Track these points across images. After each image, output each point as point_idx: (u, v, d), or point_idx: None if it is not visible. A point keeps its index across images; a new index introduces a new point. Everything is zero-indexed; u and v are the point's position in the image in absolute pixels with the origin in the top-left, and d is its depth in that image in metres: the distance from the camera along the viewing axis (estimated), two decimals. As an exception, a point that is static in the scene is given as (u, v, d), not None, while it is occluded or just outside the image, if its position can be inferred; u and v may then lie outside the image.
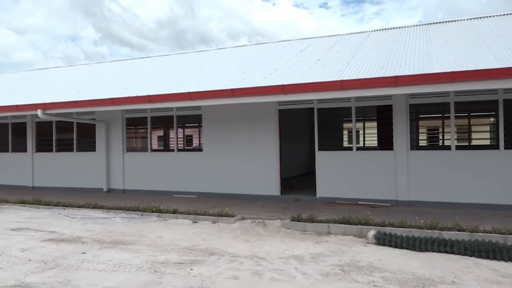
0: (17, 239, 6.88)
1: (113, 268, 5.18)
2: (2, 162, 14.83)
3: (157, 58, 17.48)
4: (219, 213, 8.20)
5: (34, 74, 19.80)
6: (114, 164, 12.60)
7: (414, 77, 7.24)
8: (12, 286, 4.57)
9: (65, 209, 9.74)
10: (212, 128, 11.27)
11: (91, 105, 10.33)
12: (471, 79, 6.85)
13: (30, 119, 13.94)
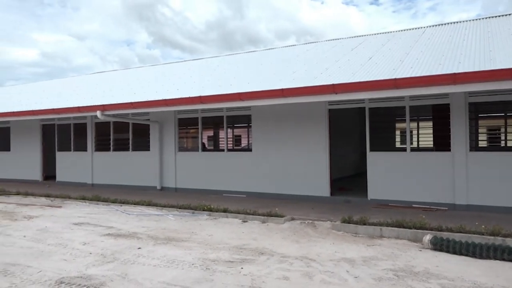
0: (79, 233, 7.30)
1: (166, 264, 5.35)
2: (65, 160, 15.82)
3: (208, 60, 17.86)
4: (269, 213, 8.23)
5: (93, 77, 20.94)
6: (167, 163, 13.02)
7: (475, 74, 6.85)
8: (75, 277, 4.86)
9: (121, 205, 10.20)
10: (261, 128, 11.33)
11: (145, 106, 10.75)
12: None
13: (90, 120, 14.75)
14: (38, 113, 13.26)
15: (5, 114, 14.37)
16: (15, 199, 12.01)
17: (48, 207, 10.36)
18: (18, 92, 21.28)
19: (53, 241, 6.73)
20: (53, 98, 16.08)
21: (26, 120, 15.53)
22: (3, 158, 17.96)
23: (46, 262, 5.51)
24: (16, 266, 5.33)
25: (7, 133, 17.85)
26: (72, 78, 23.64)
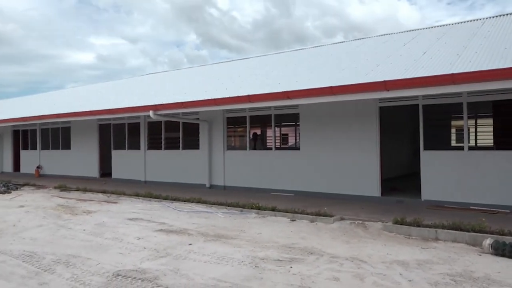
0: (133, 228, 7.61)
1: (216, 261, 5.44)
2: (120, 158, 16.57)
3: (255, 59, 17.97)
4: (317, 213, 8.13)
5: (145, 78, 21.75)
6: (216, 161, 13.25)
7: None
8: (131, 270, 5.06)
9: (172, 202, 10.51)
10: (309, 127, 11.22)
11: (195, 105, 10.99)
12: None
13: (143, 119, 15.32)
14: (96, 113, 13.97)
15: (66, 114, 15.27)
16: (75, 194, 12.74)
17: (105, 203, 10.89)
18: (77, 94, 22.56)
19: (110, 235, 7.06)
20: (109, 99, 16.89)
21: (85, 120, 16.41)
22: (65, 156, 19.12)
23: (104, 255, 5.79)
24: (77, 258, 5.65)
25: (68, 133, 18.99)
26: (125, 80, 24.71)
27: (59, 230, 7.52)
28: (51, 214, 9.21)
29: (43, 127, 20.28)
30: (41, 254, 5.86)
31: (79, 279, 4.78)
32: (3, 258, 5.71)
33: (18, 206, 10.51)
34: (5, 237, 7.04)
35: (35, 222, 8.36)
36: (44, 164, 20.15)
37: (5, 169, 22.80)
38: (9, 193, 13.42)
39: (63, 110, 15.80)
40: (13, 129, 22.08)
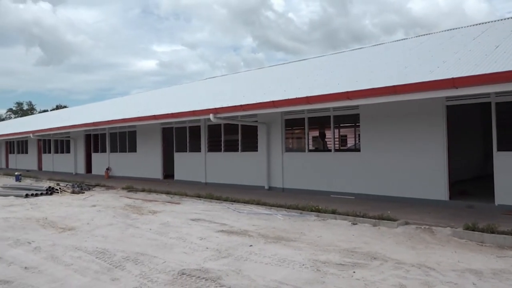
0: (196, 228, 7.83)
1: (277, 263, 5.44)
2: (181, 160, 17.17)
3: (313, 60, 17.80)
4: (380, 216, 7.86)
5: (204, 83, 22.37)
6: (274, 163, 13.29)
7: None
8: (195, 270, 5.21)
9: (232, 204, 10.69)
10: (370, 128, 10.89)
11: (254, 108, 11.10)
12: None
13: (203, 122, 15.76)
14: (159, 117, 14.59)
15: (132, 119, 16.11)
16: (141, 195, 13.38)
17: (168, 203, 11.33)
18: (141, 99, 23.74)
19: (174, 235, 7.33)
20: (171, 103, 17.57)
21: (149, 124, 17.20)
22: (131, 158, 20.19)
23: (169, 254, 6.02)
24: (145, 256, 5.92)
25: (134, 136, 20.03)
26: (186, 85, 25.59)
27: (128, 229, 7.93)
28: (120, 214, 9.75)
29: (111, 131, 21.56)
30: (112, 251, 6.21)
31: (147, 276, 5.00)
32: (79, 254, 6.13)
33: (90, 206, 11.24)
34: (80, 234, 7.55)
35: (106, 220, 8.90)
36: (113, 166, 21.41)
37: (79, 171, 24.53)
38: (83, 193, 14.41)
39: (129, 115, 16.66)
40: (85, 134, 23.70)
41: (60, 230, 7.94)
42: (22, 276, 5.12)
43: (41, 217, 9.43)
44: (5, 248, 6.55)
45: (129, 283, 4.76)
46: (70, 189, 14.95)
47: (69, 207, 11.17)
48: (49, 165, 28.07)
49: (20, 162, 32.13)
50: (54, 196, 13.73)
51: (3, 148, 35.45)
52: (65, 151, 26.27)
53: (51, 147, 27.72)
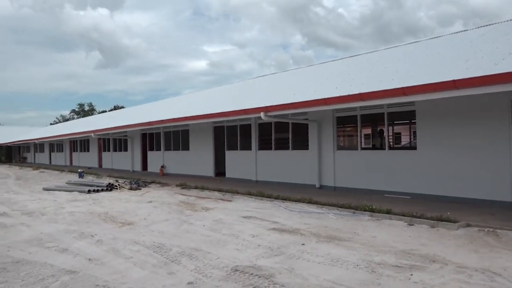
0: (247, 226, 7.91)
1: (330, 262, 5.36)
2: (232, 158, 17.42)
3: (365, 55, 17.34)
4: (438, 217, 7.50)
5: (254, 82, 22.51)
6: (325, 161, 13.11)
7: None
8: (248, 267, 5.26)
9: (283, 202, 10.68)
10: (428, 125, 10.42)
11: (305, 106, 11.01)
12: None
13: (254, 121, 15.88)
14: (211, 116, 14.90)
15: (184, 118, 16.57)
16: (194, 192, 13.74)
17: (220, 201, 11.54)
18: (193, 99, 24.35)
19: (227, 231, 7.44)
20: (221, 102, 17.87)
21: (201, 123, 17.60)
22: (184, 156, 20.79)
23: (222, 250, 6.13)
24: (199, 252, 6.07)
25: (186, 135, 20.62)
26: (236, 84, 25.90)
27: (182, 225, 8.17)
28: (175, 210, 10.07)
29: (165, 130, 22.33)
30: (168, 246, 6.42)
31: (202, 271, 5.12)
32: (138, 248, 6.41)
33: (147, 202, 11.71)
34: (138, 229, 7.89)
35: (161, 216, 9.23)
36: (167, 164, 22.17)
37: (135, 168, 25.65)
38: (140, 190, 15.04)
39: (182, 115, 17.15)
40: (141, 133, 24.73)
41: (120, 225, 8.34)
42: (87, 267, 5.43)
43: (102, 212, 9.97)
44: (71, 241, 6.99)
45: (185, 278, 4.90)
46: (128, 185, 15.67)
47: (128, 202, 11.70)
48: (108, 162, 29.61)
49: (82, 160, 34.17)
50: (114, 192, 14.46)
51: (68, 146, 37.85)
52: (123, 150, 27.60)
53: (110, 146, 29.22)
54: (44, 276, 5.08)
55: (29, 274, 5.17)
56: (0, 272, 5.29)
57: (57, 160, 40.91)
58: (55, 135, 35.53)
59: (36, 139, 40.42)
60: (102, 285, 4.71)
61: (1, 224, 8.69)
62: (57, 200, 12.66)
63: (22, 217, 9.59)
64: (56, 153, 41.40)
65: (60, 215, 9.73)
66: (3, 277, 5.08)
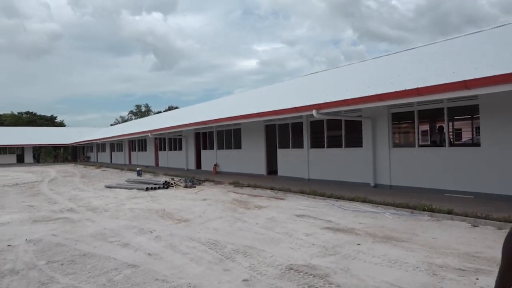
0: (301, 224, 7.86)
1: (388, 264, 5.19)
2: (284, 156, 17.40)
3: (421, 48, 16.59)
4: (506, 218, 7.01)
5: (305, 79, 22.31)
6: (380, 159, 12.71)
7: None
8: (302, 266, 5.23)
9: (337, 200, 10.49)
10: (493, 119, 9.77)
11: (359, 102, 10.73)
12: None
13: (305, 119, 15.75)
14: (262, 115, 14.96)
15: (236, 117, 16.77)
16: (247, 190, 13.88)
17: (273, 199, 11.56)
18: (244, 98, 24.60)
19: (280, 230, 7.45)
20: (273, 101, 17.89)
21: (253, 122, 17.74)
22: (237, 155, 21.08)
23: (276, 248, 6.13)
24: (253, 249, 6.12)
25: (239, 134, 20.87)
26: (287, 82, 25.83)
27: (236, 223, 8.28)
28: (228, 208, 10.23)
29: (218, 129, 22.76)
30: (223, 243, 6.54)
31: (256, 269, 5.16)
32: (194, 244, 6.58)
33: (201, 199, 12.01)
34: (193, 226, 8.11)
35: (215, 214, 9.42)
36: (220, 162, 22.59)
37: (190, 167, 26.39)
38: (194, 188, 15.46)
39: (234, 114, 17.37)
40: (195, 132, 25.39)
41: (176, 221, 8.62)
42: (147, 262, 5.66)
43: (159, 209, 10.35)
44: (132, 236, 7.33)
45: (240, 275, 4.97)
46: (183, 183, 16.15)
47: (183, 200, 12.06)
48: (164, 161, 30.72)
49: (140, 158, 35.71)
50: (170, 190, 14.97)
51: (127, 146, 39.74)
52: (177, 149, 28.51)
53: (166, 145, 30.29)
54: (108, 269, 5.37)
55: (94, 267, 5.49)
56: (69, 264, 5.66)
57: (117, 159, 43.08)
58: (115, 135, 37.43)
59: (98, 140, 42.86)
60: (161, 279, 4.89)
61: (69, 219, 9.30)
62: (118, 197, 13.34)
63: (87, 213, 10.20)
64: (116, 152, 43.60)
65: (121, 211, 10.24)
66: (71, 269, 5.43)
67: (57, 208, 11.17)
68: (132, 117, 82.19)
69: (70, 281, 4.95)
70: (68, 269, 5.41)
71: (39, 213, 10.23)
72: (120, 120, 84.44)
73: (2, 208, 11.53)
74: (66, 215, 9.91)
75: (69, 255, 6.15)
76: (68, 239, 7.22)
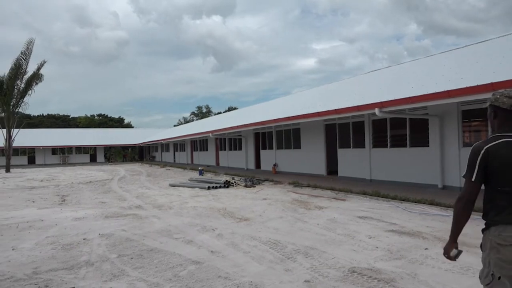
0: (363, 226, 7.64)
1: (460, 271, 4.89)
2: (345, 156, 17.03)
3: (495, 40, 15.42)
4: None
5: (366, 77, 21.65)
6: (449, 159, 12.00)
7: None
8: (365, 269, 5.07)
9: (402, 202, 10.07)
10: None
11: (425, 100, 10.20)
12: None
13: (367, 117, 15.29)
14: (322, 114, 14.75)
15: (296, 117, 16.70)
16: (306, 190, 13.77)
17: (333, 200, 11.36)
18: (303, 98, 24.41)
19: (341, 231, 7.29)
20: (332, 100, 17.58)
21: (312, 121, 17.56)
22: (296, 155, 20.99)
23: (337, 250, 6.01)
24: (314, 250, 6.04)
25: (298, 134, 20.77)
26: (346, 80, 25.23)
27: (296, 223, 8.24)
28: (288, 208, 10.21)
29: (277, 129, 22.81)
30: (284, 243, 6.53)
31: (318, 270, 5.09)
32: (255, 243, 6.64)
33: (261, 199, 12.09)
34: (254, 225, 8.18)
35: (276, 213, 9.43)
36: (279, 162, 22.63)
37: (249, 166, 26.73)
38: (254, 187, 15.62)
39: (293, 113, 17.31)
40: (254, 132, 25.67)
41: (237, 220, 8.75)
42: (210, 259, 5.81)
43: (221, 208, 10.58)
44: (195, 233, 7.56)
45: (301, 275, 4.93)
46: (243, 183, 16.39)
47: (243, 199, 12.23)
48: (224, 161, 31.38)
49: (202, 158, 36.79)
50: (230, 189, 15.25)
51: (189, 146, 41.13)
52: (237, 148, 28.99)
53: (226, 145, 30.92)
54: (173, 265, 5.58)
55: (161, 262, 5.73)
56: (138, 258, 5.96)
57: (180, 158, 44.73)
58: (178, 136, 38.90)
59: (162, 140, 44.82)
60: (224, 277, 4.99)
61: (137, 215, 9.80)
62: (182, 195, 13.83)
63: (153, 210, 10.69)
64: (179, 152, 45.28)
65: (185, 209, 10.60)
66: (140, 263, 5.71)
67: (126, 205, 11.82)
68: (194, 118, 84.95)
69: (139, 274, 5.21)
70: (137, 263, 5.70)
71: (110, 209, 10.89)
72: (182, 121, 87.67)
73: (78, 204, 12.44)
74: (134, 211, 10.45)
75: (137, 249, 6.47)
76: (137, 234, 7.61)
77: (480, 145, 2.60)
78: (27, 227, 8.68)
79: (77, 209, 11.25)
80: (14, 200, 13.93)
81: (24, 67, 34.65)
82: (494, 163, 2.49)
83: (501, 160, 2.48)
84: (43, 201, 13.41)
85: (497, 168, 2.49)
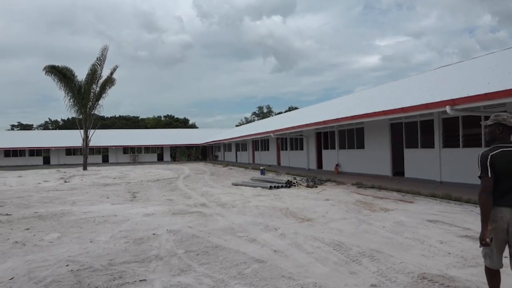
0: (433, 231, 7.24)
1: (546, 282, 4.46)
2: (412, 157, 16.26)
3: None
4: None
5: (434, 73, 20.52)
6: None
7: None
8: (437, 275, 4.81)
9: (476, 206, 9.40)
10: None
11: (505, 96, 9.45)
12: None
13: (437, 116, 14.49)
14: (388, 113, 14.20)
15: (359, 116, 16.26)
16: (370, 191, 13.35)
17: (400, 202, 10.90)
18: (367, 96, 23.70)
19: (409, 235, 6.97)
20: (398, 98, 16.87)
21: (377, 120, 16.98)
22: (359, 155, 20.44)
23: (405, 255, 5.76)
24: (380, 254, 5.84)
25: (361, 133, 20.21)
26: (413, 77, 24.09)
27: (361, 225, 8.02)
28: (352, 209, 9.97)
29: (340, 129, 22.37)
30: (348, 245, 6.39)
31: (384, 275, 4.92)
32: (318, 244, 6.57)
33: (324, 200, 11.93)
34: (317, 226, 8.09)
35: (339, 215, 9.25)
36: (341, 162, 22.17)
37: (311, 166, 26.48)
38: (316, 188, 15.44)
39: (357, 112, 16.86)
40: (315, 132, 25.37)
41: (300, 220, 8.71)
42: (273, 258, 5.84)
43: (283, 207, 10.59)
44: (258, 232, 7.63)
45: (367, 279, 4.79)
46: (304, 183, 16.27)
47: (305, 199, 12.14)
48: (285, 160, 31.37)
49: (263, 158, 37.09)
50: (292, 189, 15.21)
51: (250, 146, 41.67)
52: (298, 148, 28.83)
53: (287, 145, 30.89)
54: (238, 262, 5.68)
55: (225, 259, 5.86)
56: (204, 255, 6.14)
57: (242, 158, 45.46)
58: (239, 135, 39.56)
59: (225, 140, 45.82)
60: (288, 277, 4.98)
61: (203, 213, 10.11)
62: (244, 194, 14.04)
63: (217, 208, 10.96)
64: (241, 151, 46.02)
65: (247, 208, 10.75)
66: (206, 259, 5.89)
67: (191, 202, 12.25)
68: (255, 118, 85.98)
69: (205, 270, 5.37)
70: (203, 259, 5.88)
71: (176, 207, 11.35)
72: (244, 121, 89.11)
73: (148, 201, 13.11)
74: (199, 209, 10.79)
75: (203, 246, 6.67)
76: (202, 231, 7.85)
77: (486, 153, 3.63)
78: (102, 221, 9.31)
79: (146, 205, 11.86)
80: (90, 196, 15.01)
81: (99, 72, 37.33)
82: (496, 165, 3.52)
83: (500, 164, 3.55)
84: (116, 197, 14.31)
85: (498, 168, 3.53)
